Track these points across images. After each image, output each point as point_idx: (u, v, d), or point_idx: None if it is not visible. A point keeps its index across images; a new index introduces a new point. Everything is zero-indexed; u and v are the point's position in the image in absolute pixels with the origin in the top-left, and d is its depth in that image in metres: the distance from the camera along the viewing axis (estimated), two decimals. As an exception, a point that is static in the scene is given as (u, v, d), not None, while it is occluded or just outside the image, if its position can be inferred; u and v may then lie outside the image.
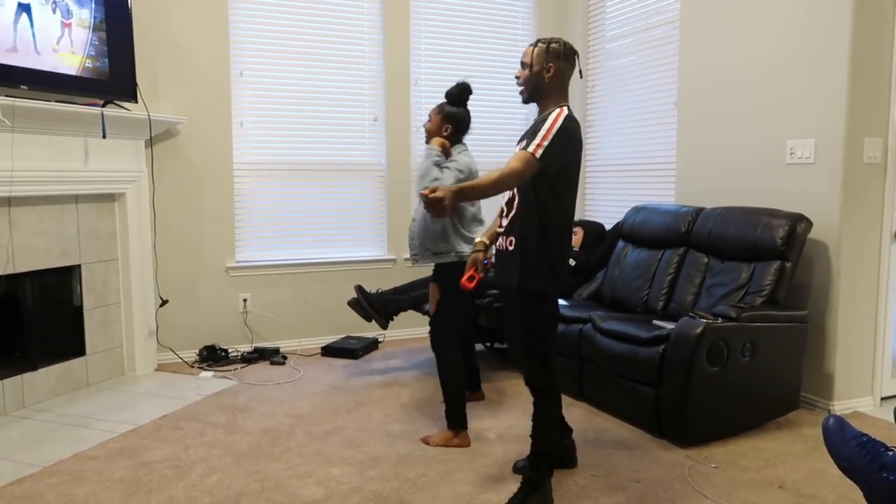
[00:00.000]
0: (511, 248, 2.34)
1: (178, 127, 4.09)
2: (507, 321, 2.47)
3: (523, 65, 2.36)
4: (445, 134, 3.00)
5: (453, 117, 3.00)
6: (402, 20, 4.66)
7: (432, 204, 2.00)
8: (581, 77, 2.40)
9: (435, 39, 4.81)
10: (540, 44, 2.32)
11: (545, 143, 2.16)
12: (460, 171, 2.90)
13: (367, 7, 4.59)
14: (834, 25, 3.16)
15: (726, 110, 3.76)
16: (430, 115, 3.07)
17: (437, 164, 2.92)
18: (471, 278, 2.49)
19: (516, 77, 2.39)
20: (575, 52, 2.35)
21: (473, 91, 3.06)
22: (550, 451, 2.37)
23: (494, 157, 4.73)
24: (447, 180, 2.82)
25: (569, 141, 2.22)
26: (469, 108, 3.06)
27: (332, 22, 4.50)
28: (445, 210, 2.01)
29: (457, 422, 2.92)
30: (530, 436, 2.38)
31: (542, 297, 2.33)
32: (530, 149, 2.17)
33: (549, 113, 2.27)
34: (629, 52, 4.63)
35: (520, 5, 5.05)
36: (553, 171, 2.21)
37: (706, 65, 3.88)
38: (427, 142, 3.06)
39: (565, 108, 2.28)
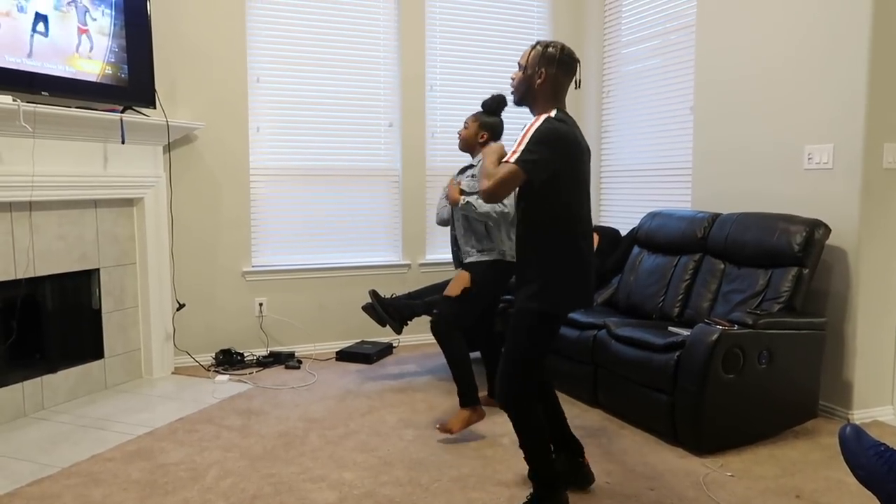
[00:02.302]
0: (521, 259, 2.29)
1: (195, 132, 4.14)
2: (511, 341, 2.33)
3: (519, 66, 2.29)
4: (481, 140, 3.19)
5: (490, 126, 3.21)
6: (418, 26, 4.68)
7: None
8: (577, 88, 2.29)
9: (450, 45, 4.82)
10: (537, 47, 2.23)
11: (520, 149, 2.09)
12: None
13: (383, 13, 4.62)
14: (852, 29, 3.13)
15: (743, 115, 3.73)
16: (466, 123, 3.25)
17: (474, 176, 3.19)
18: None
19: (511, 78, 2.32)
20: (574, 60, 2.24)
21: (508, 104, 3.18)
22: (540, 470, 2.27)
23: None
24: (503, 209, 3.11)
25: (547, 143, 2.10)
26: (503, 118, 3.26)
27: (348, 28, 4.53)
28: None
29: (470, 399, 3.06)
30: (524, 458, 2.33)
31: (538, 316, 2.21)
32: (509, 157, 2.12)
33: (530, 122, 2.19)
34: (645, 57, 4.61)
35: (535, 11, 5.05)
36: (539, 178, 2.12)
37: (722, 69, 3.85)
38: (461, 148, 3.30)
39: (550, 112, 2.18)
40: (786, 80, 3.48)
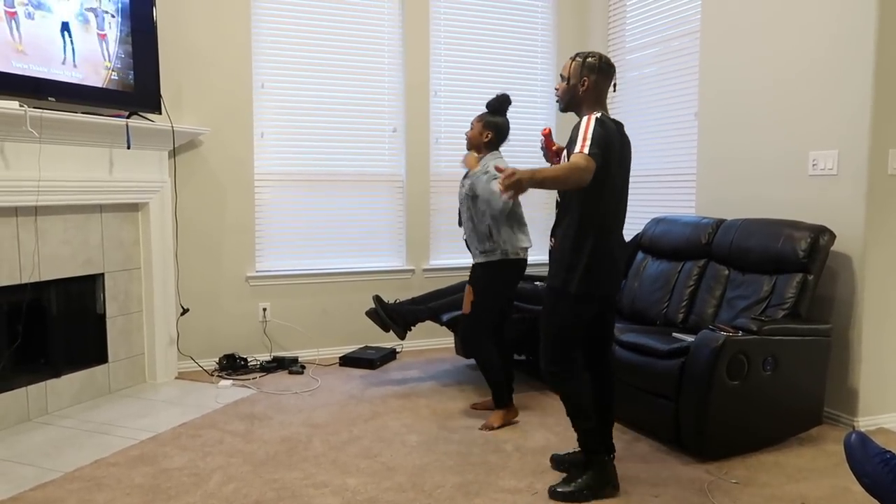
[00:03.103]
0: (555, 246, 2.48)
1: (200, 138, 4.15)
2: (545, 318, 2.54)
3: (562, 77, 2.49)
4: (486, 140, 3.22)
5: (494, 125, 3.22)
6: (422, 32, 4.69)
7: (512, 186, 2.16)
8: (615, 91, 2.54)
9: (454, 51, 4.83)
10: (577, 58, 2.45)
11: (588, 143, 2.26)
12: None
13: (388, 19, 4.64)
14: (858, 35, 3.13)
15: (747, 121, 3.73)
16: (472, 124, 3.29)
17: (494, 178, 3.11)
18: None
19: (556, 89, 2.53)
20: (611, 67, 2.47)
21: (512, 102, 3.30)
22: (586, 437, 2.51)
23: (516, 163, 4.73)
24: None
25: (601, 141, 2.28)
26: (509, 118, 3.29)
27: (353, 34, 4.55)
28: (521, 189, 2.20)
29: (505, 399, 3.23)
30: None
31: (572, 296, 2.40)
32: (576, 149, 2.27)
33: (580, 121, 2.36)
34: (649, 63, 4.62)
35: (539, 17, 5.06)
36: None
37: (727, 75, 3.85)
38: (468, 148, 3.29)
39: (596, 113, 2.37)
40: (791, 86, 3.48)
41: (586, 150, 2.25)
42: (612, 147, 2.34)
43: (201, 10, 4.11)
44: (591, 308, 2.46)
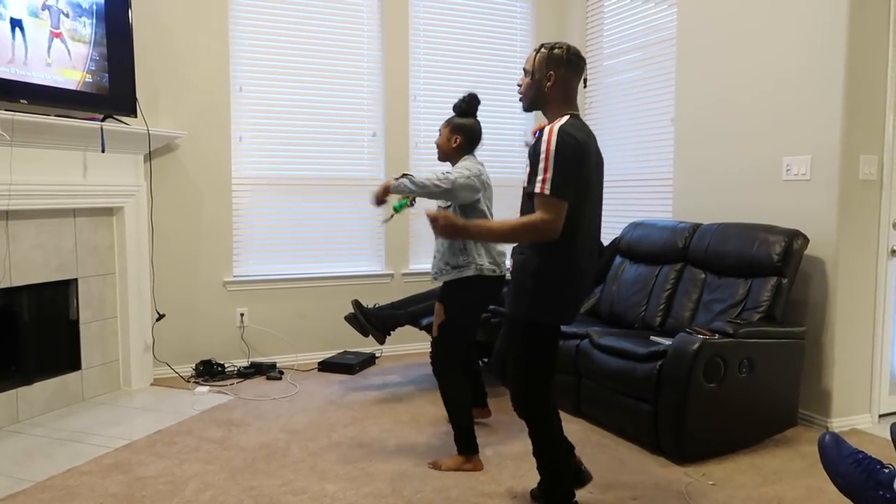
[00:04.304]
0: (516, 268, 2.24)
1: (177, 141, 4.11)
2: (504, 342, 2.34)
3: (525, 72, 2.22)
4: (455, 145, 2.91)
5: (461, 128, 2.92)
6: (401, 37, 4.69)
7: (440, 227, 2.10)
8: (585, 87, 2.25)
9: (434, 56, 4.84)
10: (542, 49, 2.17)
11: (549, 176, 2.01)
12: (468, 168, 2.81)
13: (367, 23, 4.63)
14: (830, 43, 3.19)
15: (723, 127, 3.78)
16: (439, 131, 2.99)
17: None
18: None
19: (518, 84, 2.27)
20: (581, 59, 2.20)
21: (481, 101, 3.00)
22: (550, 483, 2.29)
23: (494, 171, 4.74)
24: (457, 177, 2.76)
25: (569, 157, 2.03)
26: (479, 119, 2.98)
27: (332, 38, 4.53)
28: (442, 232, 2.12)
29: (467, 447, 2.81)
30: (537, 468, 2.33)
31: (540, 326, 2.19)
32: (537, 189, 2.02)
33: (541, 134, 2.10)
34: (626, 69, 4.66)
35: (518, 22, 5.09)
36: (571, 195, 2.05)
37: (703, 81, 3.90)
38: (439, 158, 2.99)
39: (561, 119, 2.11)
40: (765, 93, 3.53)
41: (547, 190, 1.99)
42: (582, 161, 2.07)
43: (178, 13, 4.07)
44: (549, 334, 2.23)
